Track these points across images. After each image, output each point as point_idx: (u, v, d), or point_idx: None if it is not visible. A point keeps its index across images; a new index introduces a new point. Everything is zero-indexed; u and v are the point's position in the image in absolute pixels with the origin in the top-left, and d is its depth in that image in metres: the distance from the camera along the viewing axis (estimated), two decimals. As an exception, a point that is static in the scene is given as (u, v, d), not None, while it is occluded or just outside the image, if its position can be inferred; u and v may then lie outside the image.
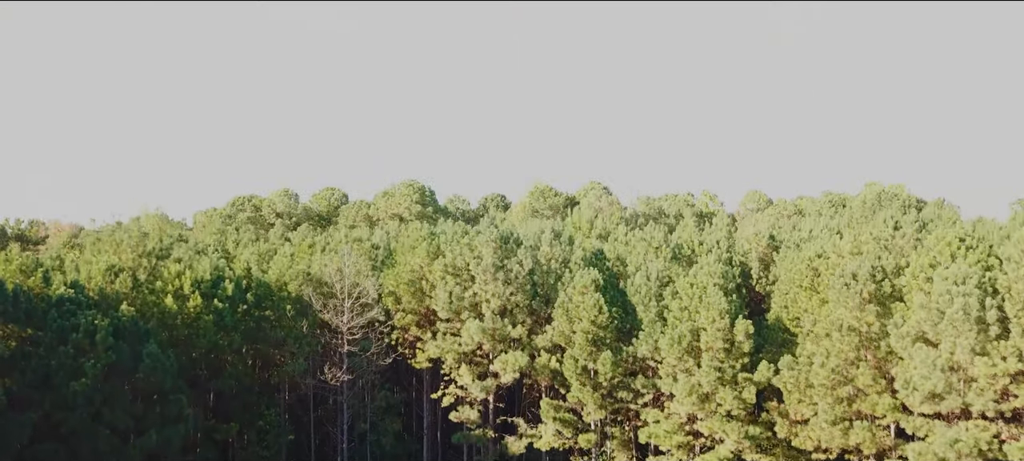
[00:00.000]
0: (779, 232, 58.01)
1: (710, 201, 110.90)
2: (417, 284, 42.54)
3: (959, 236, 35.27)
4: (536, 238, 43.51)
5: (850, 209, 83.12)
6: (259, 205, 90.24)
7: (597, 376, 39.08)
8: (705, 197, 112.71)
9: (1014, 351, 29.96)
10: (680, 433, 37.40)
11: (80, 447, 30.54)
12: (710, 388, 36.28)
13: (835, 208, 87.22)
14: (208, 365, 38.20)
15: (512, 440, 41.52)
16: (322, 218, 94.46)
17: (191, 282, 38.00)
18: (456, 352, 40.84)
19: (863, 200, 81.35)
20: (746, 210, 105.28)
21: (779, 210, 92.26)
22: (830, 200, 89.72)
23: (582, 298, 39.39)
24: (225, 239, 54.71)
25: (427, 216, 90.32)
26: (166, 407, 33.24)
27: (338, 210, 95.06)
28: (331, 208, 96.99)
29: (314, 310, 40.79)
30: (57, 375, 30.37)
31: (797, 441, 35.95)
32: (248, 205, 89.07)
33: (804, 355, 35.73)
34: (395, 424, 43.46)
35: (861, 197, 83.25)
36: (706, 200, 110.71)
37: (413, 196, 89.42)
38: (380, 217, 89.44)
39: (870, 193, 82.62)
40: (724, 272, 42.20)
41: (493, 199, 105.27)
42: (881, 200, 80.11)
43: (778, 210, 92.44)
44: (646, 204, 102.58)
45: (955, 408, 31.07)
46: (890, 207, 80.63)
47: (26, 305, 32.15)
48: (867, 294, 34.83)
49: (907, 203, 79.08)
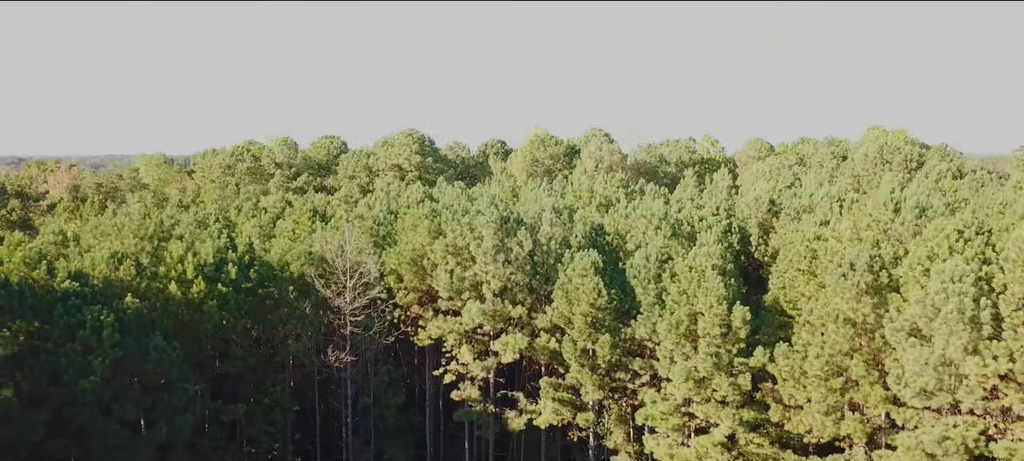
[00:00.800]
0: (779, 195, 57.97)
1: (711, 146, 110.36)
2: (419, 263, 42.84)
3: (958, 228, 35.31)
4: (536, 216, 43.56)
5: (852, 163, 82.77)
6: (258, 155, 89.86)
7: (595, 357, 39.79)
8: (706, 142, 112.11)
9: (1005, 351, 30.43)
10: (676, 415, 38.31)
11: (92, 442, 31.38)
12: (706, 373, 36.98)
13: (837, 160, 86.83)
14: (213, 347, 38.84)
15: (512, 416, 42.54)
16: (321, 167, 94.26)
17: (194, 267, 38.27)
18: (457, 332, 41.45)
19: (865, 153, 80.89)
20: (748, 158, 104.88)
21: (780, 160, 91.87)
22: (832, 150, 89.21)
23: (581, 281, 39.76)
24: (227, 205, 54.67)
25: (426, 166, 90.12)
26: (174, 397, 33.96)
27: (338, 159, 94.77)
28: (330, 156, 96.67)
29: (317, 291, 41.22)
30: (66, 372, 30.95)
31: (790, 425, 36.89)
32: (247, 155, 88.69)
33: (800, 343, 36.30)
34: (398, 398, 44.43)
35: (863, 149, 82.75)
36: (707, 146, 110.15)
37: (412, 146, 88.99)
38: (380, 168, 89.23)
39: (872, 145, 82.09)
40: (723, 253, 42.50)
41: (493, 146, 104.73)
42: (883, 154, 79.63)
43: (780, 160, 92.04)
44: (647, 152, 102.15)
45: (945, 404, 31.77)
46: (893, 159, 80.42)
47: (32, 300, 32.48)
48: (864, 285, 35.18)
49: (909, 158, 78.67)
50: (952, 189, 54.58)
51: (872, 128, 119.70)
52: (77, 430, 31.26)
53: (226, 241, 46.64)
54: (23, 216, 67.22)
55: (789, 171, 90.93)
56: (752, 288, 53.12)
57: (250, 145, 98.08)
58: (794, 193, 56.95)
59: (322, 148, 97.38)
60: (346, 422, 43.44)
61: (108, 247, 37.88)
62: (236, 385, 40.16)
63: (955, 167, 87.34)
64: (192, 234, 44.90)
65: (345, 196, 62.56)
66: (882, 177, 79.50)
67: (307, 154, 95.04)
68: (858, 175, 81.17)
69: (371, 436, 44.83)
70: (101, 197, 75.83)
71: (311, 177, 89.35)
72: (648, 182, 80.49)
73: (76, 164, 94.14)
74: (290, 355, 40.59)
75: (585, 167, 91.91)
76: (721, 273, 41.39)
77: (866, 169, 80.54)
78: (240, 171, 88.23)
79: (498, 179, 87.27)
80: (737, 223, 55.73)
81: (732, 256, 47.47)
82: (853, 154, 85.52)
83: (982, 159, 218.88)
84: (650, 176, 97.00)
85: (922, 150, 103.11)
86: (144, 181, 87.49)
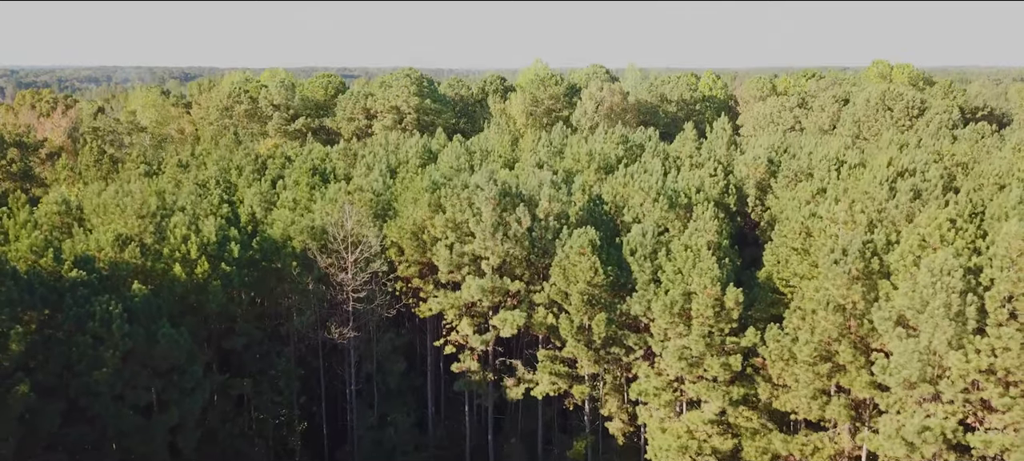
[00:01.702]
0: (778, 155, 57.99)
1: (713, 84, 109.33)
2: (419, 237, 43.45)
3: (950, 217, 35.77)
4: (535, 189, 43.89)
5: (853, 107, 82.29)
6: (255, 96, 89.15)
7: (591, 333, 40.87)
8: (708, 78, 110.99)
9: (988, 348, 31.40)
10: (668, 391, 39.67)
11: (106, 428, 32.74)
12: (698, 353, 38.12)
13: (839, 104, 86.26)
14: (219, 323, 39.86)
15: (511, 385, 43.98)
16: (320, 107, 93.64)
17: (198, 247, 38.89)
18: (457, 306, 42.41)
19: (867, 99, 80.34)
20: (749, 96, 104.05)
21: (782, 102, 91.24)
22: (834, 94, 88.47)
23: (579, 259, 40.46)
24: (227, 166, 54.80)
25: (425, 108, 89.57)
26: (183, 379, 35.19)
27: (336, 98, 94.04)
28: (328, 95, 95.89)
29: (319, 267, 41.97)
30: (79, 363, 32.02)
31: (777, 403, 38.30)
32: (245, 97, 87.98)
33: (790, 326, 37.30)
34: (400, 365, 45.79)
35: (865, 94, 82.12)
36: (709, 83, 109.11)
37: (411, 88, 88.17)
38: (378, 109, 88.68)
39: (874, 91, 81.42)
40: (718, 228, 43.04)
41: (492, 83, 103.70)
42: (885, 100, 79.12)
43: (781, 102, 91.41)
44: (648, 91, 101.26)
45: (927, 394, 32.97)
46: (894, 106, 79.96)
47: (41, 290, 33.27)
48: (856, 271, 35.91)
49: (910, 105, 78.18)
50: (949, 154, 54.59)
51: (876, 62, 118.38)
52: (93, 417, 32.57)
53: (227, 210, 47.18)
54: (23, 167, 67.29)
55: (790, 114, 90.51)
56: (748, 248, 53.96)
57: (247, 82, 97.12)
58: (792, 155, 56.94)
59: (320, 87, 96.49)
60: (350, 388, 44.96)
61: (112, 229, 38.40)
62: (243, 358, 41.40)
63: (956, 107, 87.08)
64: (193, 204, 45.28)
65: (343, 150, 62.55)
66: (883, 124, 79.29)
67: (305, 93, 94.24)
68: (859, 121, 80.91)
69: (374, 400, 46.45)
70: (99, 143, 75.76)
71: (309, 119, 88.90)
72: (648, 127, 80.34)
73: (69, 84, 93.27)
74: (294, 330, 41.69)
75: (585, 108, 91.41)
76: (717, 249, 42.10)
77: (867, 115, 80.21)
78: (238, 113, 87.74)
79: (497, 122, 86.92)
80: (735, 182, 56.03)
81: (728, 225, 48.01)
82: (855, 98, 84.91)
83: (990, 72, 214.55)
84: (650, 117, 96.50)
85: (925, 89, 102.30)
86: (142, 124, 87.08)
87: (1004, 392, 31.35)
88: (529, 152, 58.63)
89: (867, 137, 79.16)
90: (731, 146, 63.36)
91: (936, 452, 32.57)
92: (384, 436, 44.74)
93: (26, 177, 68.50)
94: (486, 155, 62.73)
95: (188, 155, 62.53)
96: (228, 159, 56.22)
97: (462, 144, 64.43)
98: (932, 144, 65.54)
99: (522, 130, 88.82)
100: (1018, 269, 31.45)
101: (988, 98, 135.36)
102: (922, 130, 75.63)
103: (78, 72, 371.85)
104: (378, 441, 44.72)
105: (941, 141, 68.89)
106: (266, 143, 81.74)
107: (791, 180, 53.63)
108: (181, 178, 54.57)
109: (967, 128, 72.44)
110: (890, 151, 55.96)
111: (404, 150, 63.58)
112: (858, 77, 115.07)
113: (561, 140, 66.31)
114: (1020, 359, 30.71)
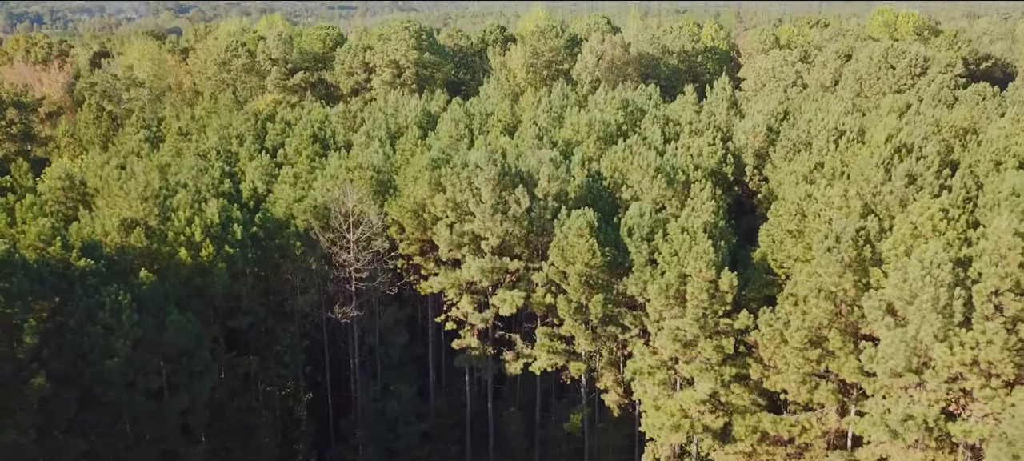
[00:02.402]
0: (777, 123, 58.05)
1: (715, 34, 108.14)
2: (420, 215, 44.04)
3: (942, 207, 36.30)
4: (535, 168, 44.26)
5: (856, 64, 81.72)
6: (253, 49, 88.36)
7: (589, 312, 41.85)
8: (710, 28, 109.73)
9: (972, 341, 32.34)
10: (662, 370, 40.87)
11: (120, 414, 33.99)
12: (692, 336, 39.17)
13: (841, 60, 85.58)
14: (224, 302, 40.77)
15: (510, 359, 45.23)
16: (318, 60, 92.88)
17: (201, 229, 39.51)
18: (457, 285, 43.30)
19: (870, 56, 79.75)
20: (752, 49, 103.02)
21: (784, 56, 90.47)
22: (837, 49, 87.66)
23: (577, 241, 41.15)
24: (228, 135, 54.94)
25: (424, 61, 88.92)
26: (192, 363, 36.29)
27: (334, 51, 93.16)
28: (326, 48, 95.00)
29: (321, 246, 42.69)
30: (91, 353, 33.03)
31: (768, 384, 39.53)
32: (243, 51, 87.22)
33: (782, 311, 38.21)
34: (402, 337, 46.96)
35: (867, 52, 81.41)
36: (711, 32, 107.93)
37: (409, 41, 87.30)
38: (377, 63, 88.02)
39: (877, 49, 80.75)
40: (715, 208, 43.57)
41: (492, 33, 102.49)
42: (888, 58, 78.63)
43: (783, 56, 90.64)
44: (650, 43, 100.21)
45: (911, 383, 34.10)
46: (897, 65, 79.50)
47: (51, 279, 34.06)
48: (848, 259, 36.66)
49: (913, 62, 77.70)
50: (949, 123, 54.57)
51: (880, 11, 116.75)
52: (106, 403, 33.75)
53: (229, 185, 47.65)
54: (23, 129, 67.39)
55: (792, 69, 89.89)
56: (745, 217, 54.60)
57: (243, 33, 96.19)
58: (792, 122, 57.00)
59: (317, 39, 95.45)
60: (354, 363, 46.22)
61: (117, 212, 38.98)
62: (248, 335, 42.48)
63: (960, 60, 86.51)
64: (195, 180, 45.70)
65: (343, 114, 62.51)
66: (885, 83, 78.92)
67: (303, 46, 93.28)
68: (862, 78, 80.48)
69: (377, 370, 47.78)
70: (97, 100, 75.60)
71: (307, 73, 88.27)
72: (649, 83, 79.96)
73: (61, 15, 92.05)
74: (298, 308, 42.67)
75: (586, 62, 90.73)
76: (713, 229, 42.75)
77: (870, 73, 79.76)
78: (236, 67, 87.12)
79: (496, 77, 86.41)
80: (734, 150, 56.30)
81: (725, 201, 48.50)
82: (858, 54, 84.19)
83: (998, 7, 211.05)
84: (652, 70, 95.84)
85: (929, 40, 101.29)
86: (139, 79, 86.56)
87: (986, 383, 32.44)
88: (529, 121, 58.57)
89: (868, 96, 78.91)
90: (731, 109, 63.29)
91: (918, 439, 33.89)
92: (387, 405, 46.21)
93: (27, 138, 68.70)
94: (486, 119, 62.69)
95: (188, 119, 62.52)
96: (228, 127, 56.30)
97: (461, 106, 64.34)
98: (932, 109, 65.46)
99: (522, 85, 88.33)
100: (1006, 264, 32.19)
101: (995, 36, 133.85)
102: (924, 90, 75.39)
103: (70, 3, 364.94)
104: (381, 410, 46.23)
105: (941, 105, 68.77)
106: (265, 99, 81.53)
107: (789, 150, 53.90)
108: (182, 146, 54.80)
109: (969, 89, 72.18)
110: (889, 121, 56.08)
111: (403, 114, 63.53)
112: (862, 28, 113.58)
113: (561, 103, 66.18)
114: (1003, 353, 31.70)
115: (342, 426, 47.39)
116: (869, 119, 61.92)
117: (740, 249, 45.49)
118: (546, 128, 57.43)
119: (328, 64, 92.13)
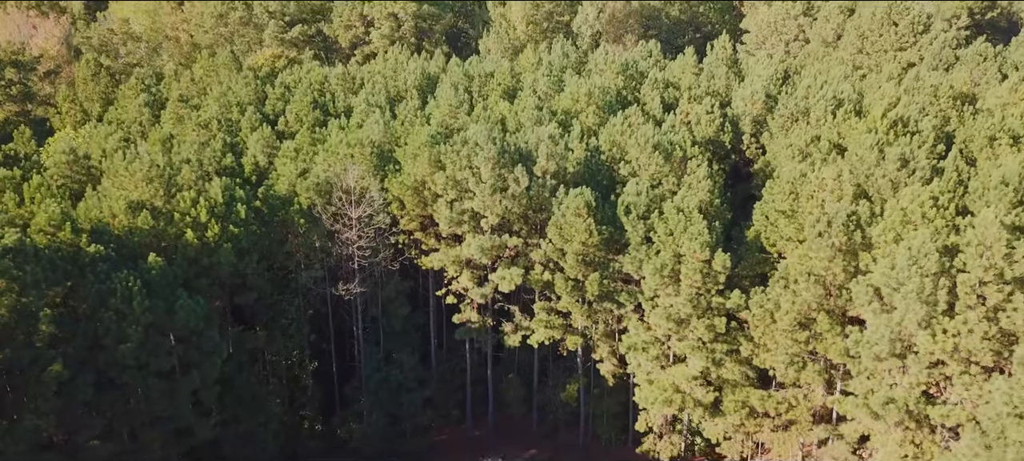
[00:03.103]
0: (776, 89, 58.15)
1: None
2: (421, 192, 44.73)
3: (932, 195, 36.97)
4: (534, 145, 44.75)
5: (858, 19, 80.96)
6: (250, 2, 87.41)
7: (585, 290, 42.97)
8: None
9: (954, 329, 33.52)
10: (655, 346, 42.22)
11: (134, 394, 35.45)
12: (685, 316, 40.37)
13: (844, 14, 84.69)
14: (231, 279, 41.85)
15: (509, 331, 46.58)
16: (316, 12, 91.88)
17: (206, 209, 40.30)
18: (458, 262, 44.31)
19: (873, 13, 78.95)
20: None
21: (787, 9, 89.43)
22: (840, 4, 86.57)
23: (574, 220, 41.97)
24: (228, 103, 55.10)
25: (423, 13, 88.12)
26: (202, 342, 37.60)
27: (332, 3, 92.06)
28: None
29: (324, 224, 43.54)
30: (104, 338, 34.27)
31: (757, 361, 40.94)
32: (240, 4, 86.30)
33: (773, 293, 39.31)
34: (404, 308, 48.22)
35: (872, 7, 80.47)
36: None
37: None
38: (376, 17, 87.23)
39: (881, 4, 79.82)
40: (711, 188, 44.21)
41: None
42: (891, 14, 77.89)
43: (786, 9, 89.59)
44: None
45: (894, 367, 35.45)
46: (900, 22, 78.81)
47: (63, 265, 35.07)
48: (839, 244, 37.57)
49: (916, 20, 77.01)
50: (947, 91, 54.62)
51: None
52: (122, 385, 35.18)
53: (231, 160, 48.20)
54: (22, 89, 67.32)
55: (795, 22, 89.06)
56: (742, 184, 55.21)
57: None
58: (791, 89, 57.07)
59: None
60: (357, 334, 47.61)
61: (123, 194, 39.71)
62: (254, 309, 43.72)
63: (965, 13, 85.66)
64: (198, 154, 46.19)
65: (342, 76, 62.45)
66: (887, 40, 78.38)
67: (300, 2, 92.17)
68: (864, 35, 79.90)
69: (380, 338, 49.20)
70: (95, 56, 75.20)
71: (306, 26, 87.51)
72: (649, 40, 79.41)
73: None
74: (302, 285, 43.80)
75: (586, 14, 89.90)
76: (709, 208, 43.49)
77: (872, 30, 79.12)
78: (233, 20, 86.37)
79: (496, 31, 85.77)
80: (732, 116, 56.55)
81: (722, 174, 49.07)
82: (861, 9, 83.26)
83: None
84: (653, 23, 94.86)
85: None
86: (137, 33, 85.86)
87: (965, 370, 33.76)
88: (528, 86, 58.48)
89: (870, 53, 78.48)
90: (730, 70, 63.20)
91: (898, 421, 35.42)
92: (390, 373, 47.78)
93: (26, 97, 68.71)
94: (486, 80, 62.57)
95: (188, 81, 62.50)
96: (228, 92, 56.42)
97: (460, 67, 64.21)
98: (931, 71, 65.32)
99: (523, 38, 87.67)
100: (991, 255, 33.13)
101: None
102: (925, 48, 75.00)
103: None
104: (384, 377, 47.81)
105: (941, 67, 68.62)
106: (263, 53, 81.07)
107: (787, 120, 54.17)
108: (183, 114, 55.01)
109: (970, 49, 71.79)
110: (888, 89, 56.22)
111: (403, 76, 63.43)
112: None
113: (561, 63, 65.98)
114: (983, 342, 32.91)
115: (347, 392, 49.08)
116: (868, 83, 61.94)
117: (734, 225, 46.23)
118: (546, 94, 57.48)
119: (326, 17, 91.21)
